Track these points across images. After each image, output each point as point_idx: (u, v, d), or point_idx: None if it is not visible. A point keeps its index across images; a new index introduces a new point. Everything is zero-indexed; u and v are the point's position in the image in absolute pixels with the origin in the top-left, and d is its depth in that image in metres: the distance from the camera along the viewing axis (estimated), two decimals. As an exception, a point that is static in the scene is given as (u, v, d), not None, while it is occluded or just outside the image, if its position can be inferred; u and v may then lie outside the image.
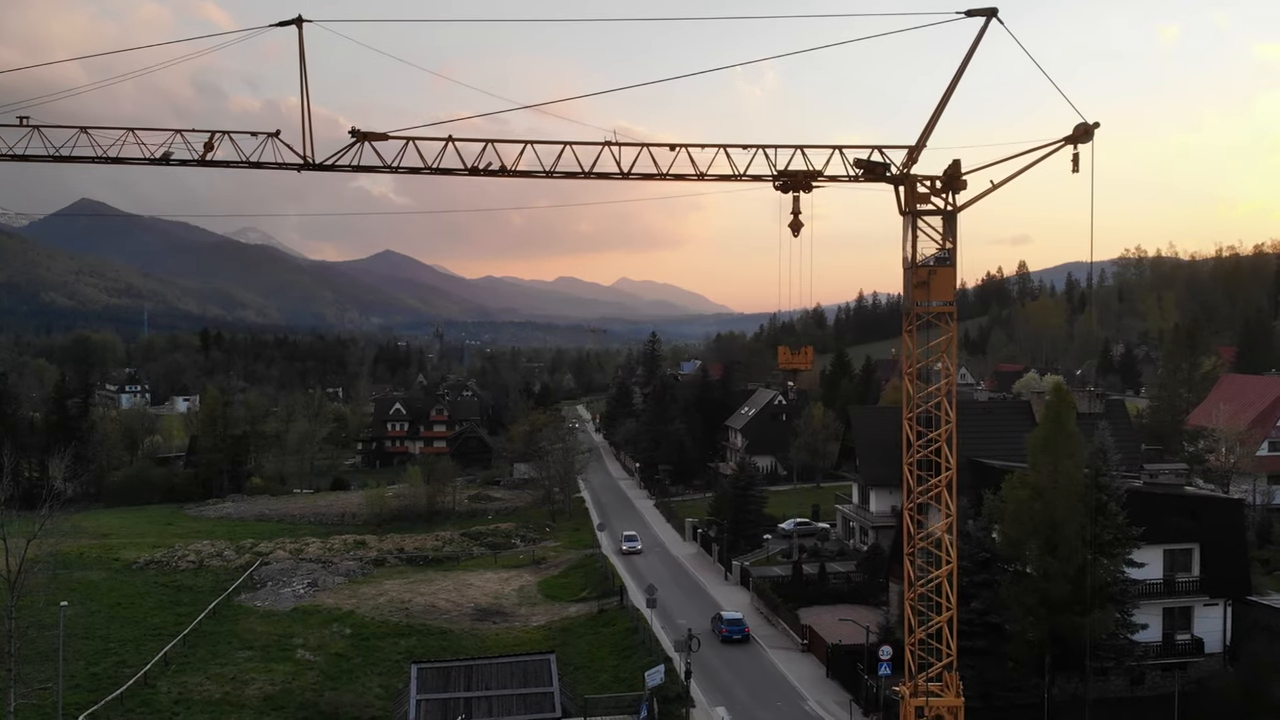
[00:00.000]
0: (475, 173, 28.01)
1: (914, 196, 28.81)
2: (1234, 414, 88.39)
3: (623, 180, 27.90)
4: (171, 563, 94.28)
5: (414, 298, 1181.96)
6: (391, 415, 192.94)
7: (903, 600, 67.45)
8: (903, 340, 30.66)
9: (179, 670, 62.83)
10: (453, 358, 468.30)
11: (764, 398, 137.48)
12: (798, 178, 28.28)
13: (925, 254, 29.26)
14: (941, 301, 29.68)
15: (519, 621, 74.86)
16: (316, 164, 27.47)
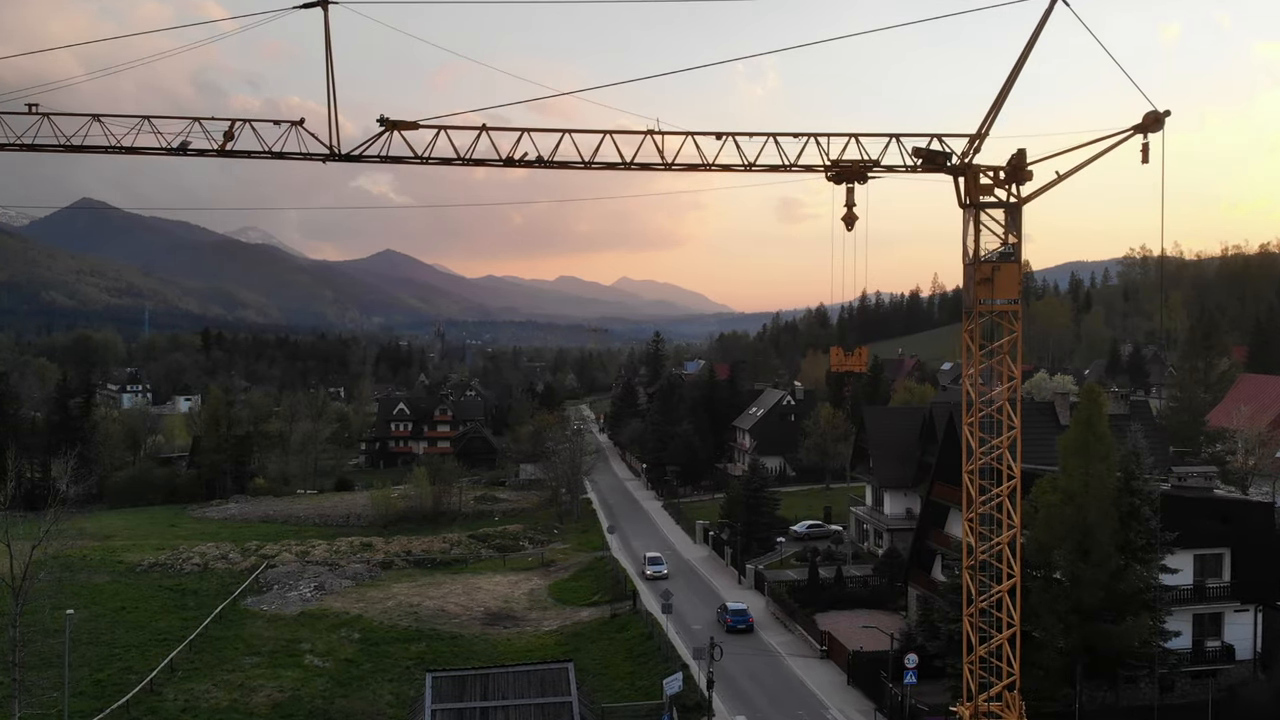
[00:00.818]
0: (510, 163, 26.73)
1: (976, 188, 27.46)
2: (1254, 415, 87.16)
3: (665, 171, 26.61)
4: (176, 565, 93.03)
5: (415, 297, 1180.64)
6: (395, 415, 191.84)
7: (923, 605, 66.67)
8: (963, 340, 29.29)
9: (185, 677, 61.61)
10: (454, 357, 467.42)
11: (772, 398, 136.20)
12: (852, 168, 26.98)
13: (987, 249, 27.90)
14: (1006, 299, 28.29)
15: (530, 626, 73.61)
16: (343, 154, 26.20)
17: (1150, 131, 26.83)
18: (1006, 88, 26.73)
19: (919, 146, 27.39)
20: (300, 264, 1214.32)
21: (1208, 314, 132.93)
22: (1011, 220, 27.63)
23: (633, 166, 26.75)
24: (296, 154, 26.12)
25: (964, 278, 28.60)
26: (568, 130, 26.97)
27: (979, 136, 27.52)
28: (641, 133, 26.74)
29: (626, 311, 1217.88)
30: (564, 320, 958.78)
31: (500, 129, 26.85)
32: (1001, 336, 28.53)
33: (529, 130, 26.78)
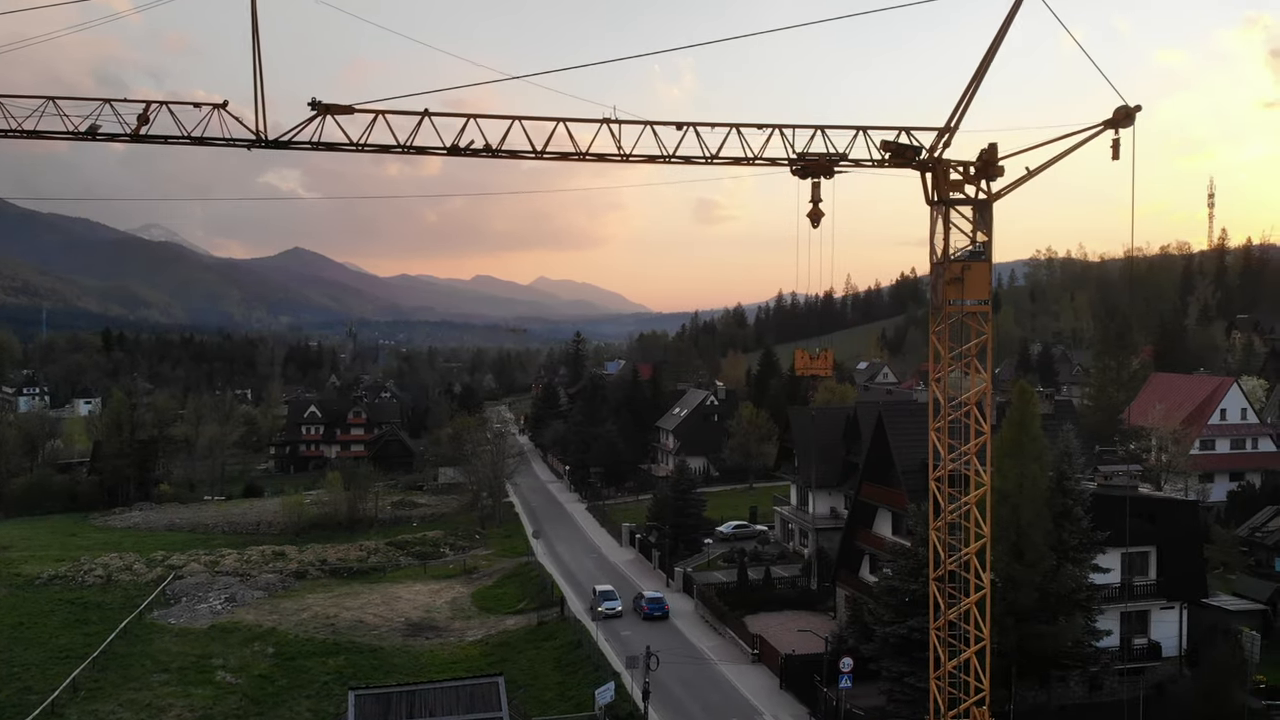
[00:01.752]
0: (456, 151, 24.92)
1: (945, 183, 26.54)
2: (1168, 412, 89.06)
3: (622, 163, 25.17)
4: (77, 577, 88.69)
5: (325, 296, 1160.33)
6: (306, 418, 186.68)
7: (852, 606, 66.36)
8: (930, 343, 28.34)
9: (89, 697, 58.52)
10: (367, 358, 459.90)
11: (695, 398, 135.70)
12: (819, 162, 25.85)
13: (956, 247, 27.00)
14: (976, 300, 27.40)
15: (454, 636, 71.50)
16: (271, 141, 24.11)
17: (1121, 127, 26.28)
18: (976, 79, 25.82)
19: (887, 140, 26.38)
20: (205, 262, 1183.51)
21: (1119, 314, 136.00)
22: (981, 218, 26.79)
23: (588, 157, 25.25)
24: (219, 140, 23.96)
25: (931, 277, 27.70)
26: (518, 117, 25.24)
27: (948, 130, 26.59)
28: (597, 121, 25.25)
29: (545, 311, 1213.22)
30: (481, 320, 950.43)
31: (445, 114, 25.02)
32: (969, 338, 27.66)
33: (475, 116, 25.04)
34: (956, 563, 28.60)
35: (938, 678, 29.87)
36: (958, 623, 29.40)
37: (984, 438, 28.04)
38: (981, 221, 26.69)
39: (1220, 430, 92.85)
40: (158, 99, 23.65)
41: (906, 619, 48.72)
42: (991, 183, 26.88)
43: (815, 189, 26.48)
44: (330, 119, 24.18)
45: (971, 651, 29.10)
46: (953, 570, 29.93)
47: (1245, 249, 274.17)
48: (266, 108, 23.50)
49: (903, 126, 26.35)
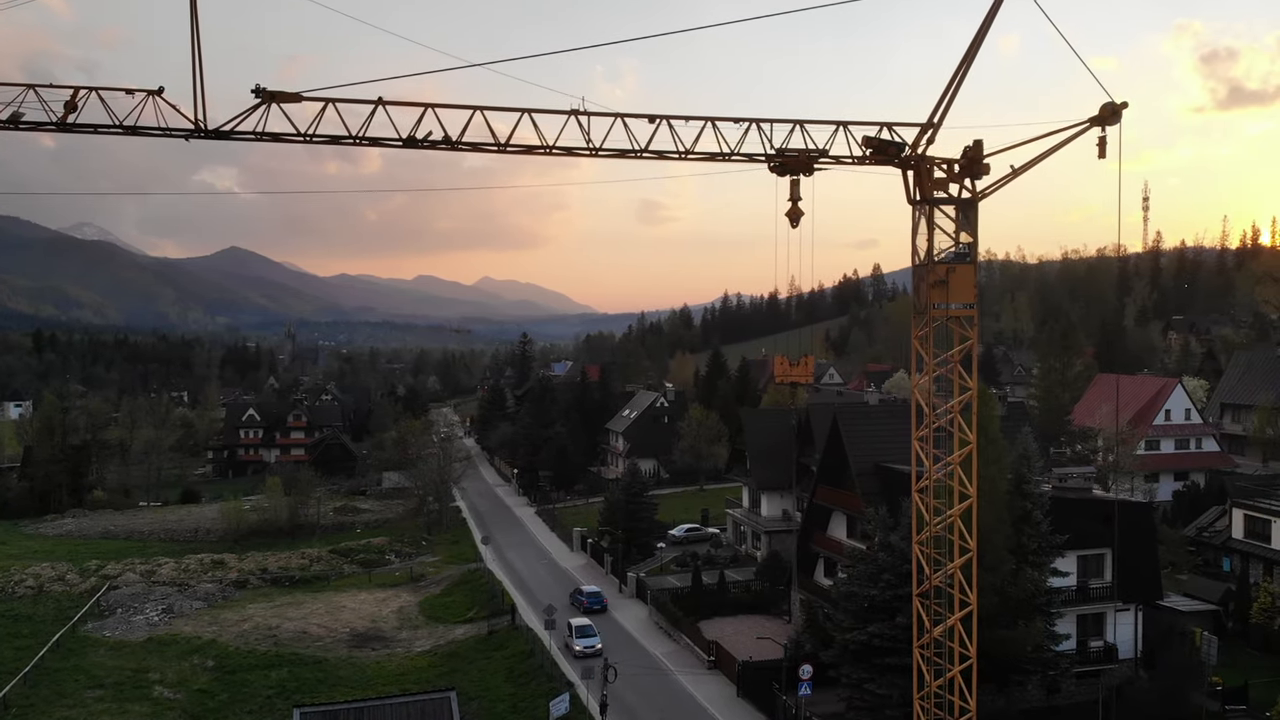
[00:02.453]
0: (413, 143, 23.41)
1: (929, 182, 25.60)
2: (1114, 413, 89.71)
3: (591, 157, 23.82)
4: (7, 589, 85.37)
5: (263, 296, 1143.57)
6: (244, 421, 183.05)
7: (807, 610, 65.70)
8: (912, 347, 27.38)
9: (20, 714, 56.18)
10: (306, 359, 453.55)
11: (645, 400, 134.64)
12: (799, 158, 24.78)
13: (939, 249, 26.06)
14: (961, 303, 26.52)
15: (401, 647, 69.66)
16: (211, 130, 22.39)
17: (1108, 124, 25.57)
18: (961, 74, 24.94)
19: (870, 136, 25.38)
20: (140, 261, 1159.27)
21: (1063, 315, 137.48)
22: (965, 218, 25.87)
23: (555, 150, 23.89)
24: (154, 129, 22.21)
25: (914, 279, 26.74)
26: (480, 107, 23.85)
27: (931, 126, 25.61)
28: (564, 113, 23.91)
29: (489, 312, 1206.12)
30: (423, 321, 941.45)
31: (401, 103, 23.41)
32: (953, 342, 26.73)
33: (434, 105, 23.56)
34: (941, 578, 27.67)
35: (922, 698, 28.92)
36: (942, 640, 28.51)
37: (969, 447, 27.17)
38: (965, 222, 25.85)
39: (1165, 430, 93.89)
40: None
41: (866, 625, 48.09)
42: (976, 181, 26.03)
43: (794, 187, 25.44)
44: (276, 108, 22.60)
45: (957, 670, 28.21)
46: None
47: (1179, 251, 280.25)
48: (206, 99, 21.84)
49: (885, 122, 25.42)
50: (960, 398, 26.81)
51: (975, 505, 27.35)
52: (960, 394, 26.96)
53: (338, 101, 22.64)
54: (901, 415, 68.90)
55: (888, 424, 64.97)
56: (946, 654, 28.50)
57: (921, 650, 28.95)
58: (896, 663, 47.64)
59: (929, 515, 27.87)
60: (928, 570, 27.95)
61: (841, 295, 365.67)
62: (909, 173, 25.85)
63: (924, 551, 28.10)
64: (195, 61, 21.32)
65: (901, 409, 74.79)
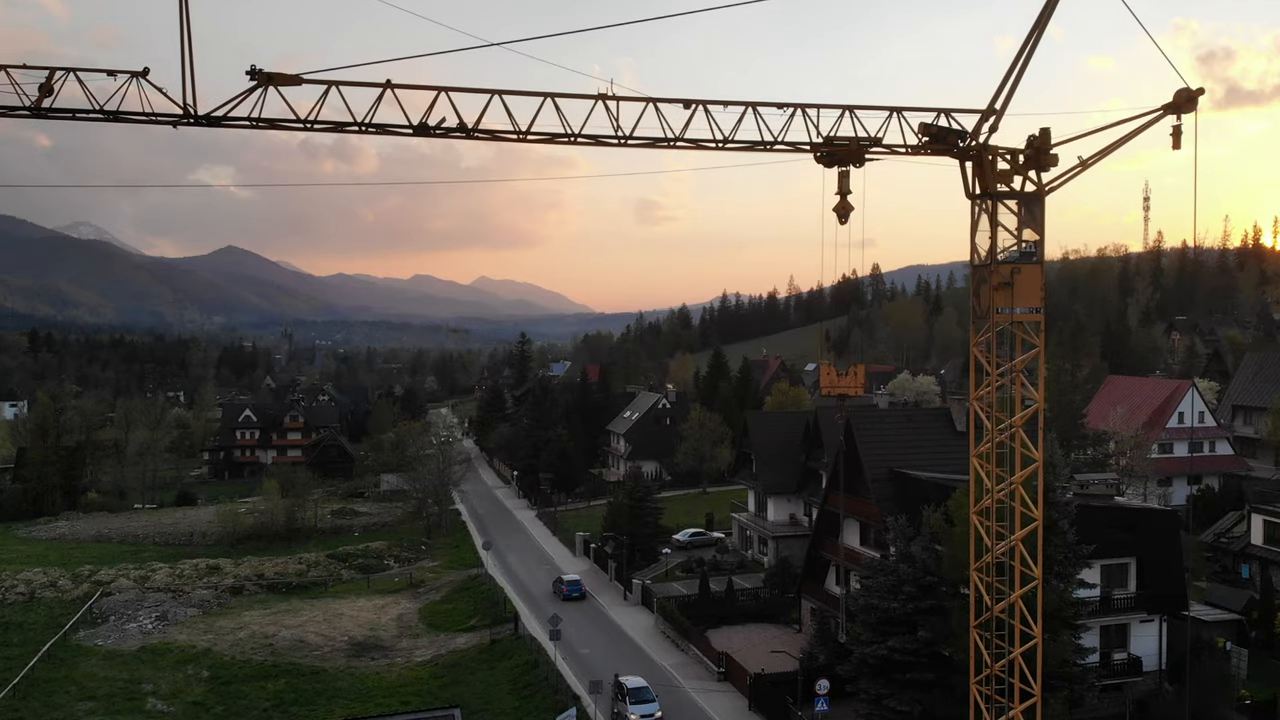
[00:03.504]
0: (425, 131, 21.54)
1: (991, 174, 23.70)
2: (1128, 416, 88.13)
3: (619, 147, 22.04)
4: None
5: (259, 296, 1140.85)
6: (241, 422, 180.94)
7: (818, 619, 64.04)
8: (971, 357, 25.49)
9: (6, 730, 54.06)
10: (303, 359, 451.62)
11: (646, 401, 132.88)
12: (849, 147, 22.92)
13: (1001, 247, 24.06)
14: (1027, 308, 24.55)
15: (401, 656, 67.81)
16: (201, 116, 20.52)
17: (1183, 111, 23.73)
18: (1027, 54, 23.09)
19: (927, 123, 23.47)
20: (136, 261, 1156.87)
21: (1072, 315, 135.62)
22: (1030, 213, 23.91)
23: (580, 139, 22.01)
24: (138, 115, 20.27)
25: (972, 282, 24.72)
26: (498, 91, 22.02)
27: (993, 113, 23.62)
28: (591, 97, 22.06)
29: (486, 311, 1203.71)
30: (420, 320, 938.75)
31: (410, 86, 21.44)
32: (1014, 349, 24.80)
33: (447, 89, 21.72)
34: (1004, 608, 25.82)
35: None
36: (1003, 675, 26.66)
37: (1034, 466, 25.26)
38: (1030, 218, 23.91)
39: (1178, 433, 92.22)
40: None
41: (886, 639, 46.42)
42: (1043, 173, 24.14)
43: (843, 179, 23.50)
44: (273, 92, 20.75)
45: (1019, 710, 26.32)
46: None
47: (1180, 251, 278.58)
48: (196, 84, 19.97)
49: (942, 108, 23.52)
50: (1024, 412, 24.87)
51: (1041, 530, 25.41)
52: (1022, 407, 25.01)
53: (341, 84, 20.81)
54: (918, 420, 67.50)
55: (903, 429, 63.36)
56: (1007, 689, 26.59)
57: (979, 686, 27.08)
58: (918, 678, 46.04)
59: (990, 540, 25.90)
60: (988, 600, 26.07)
61: (840, 295, 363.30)
62: (967, 164, 23.98)
63: (983, 580, 26.17)
64: (184, 41, 19.50)
65: (918, 414, 73.22)
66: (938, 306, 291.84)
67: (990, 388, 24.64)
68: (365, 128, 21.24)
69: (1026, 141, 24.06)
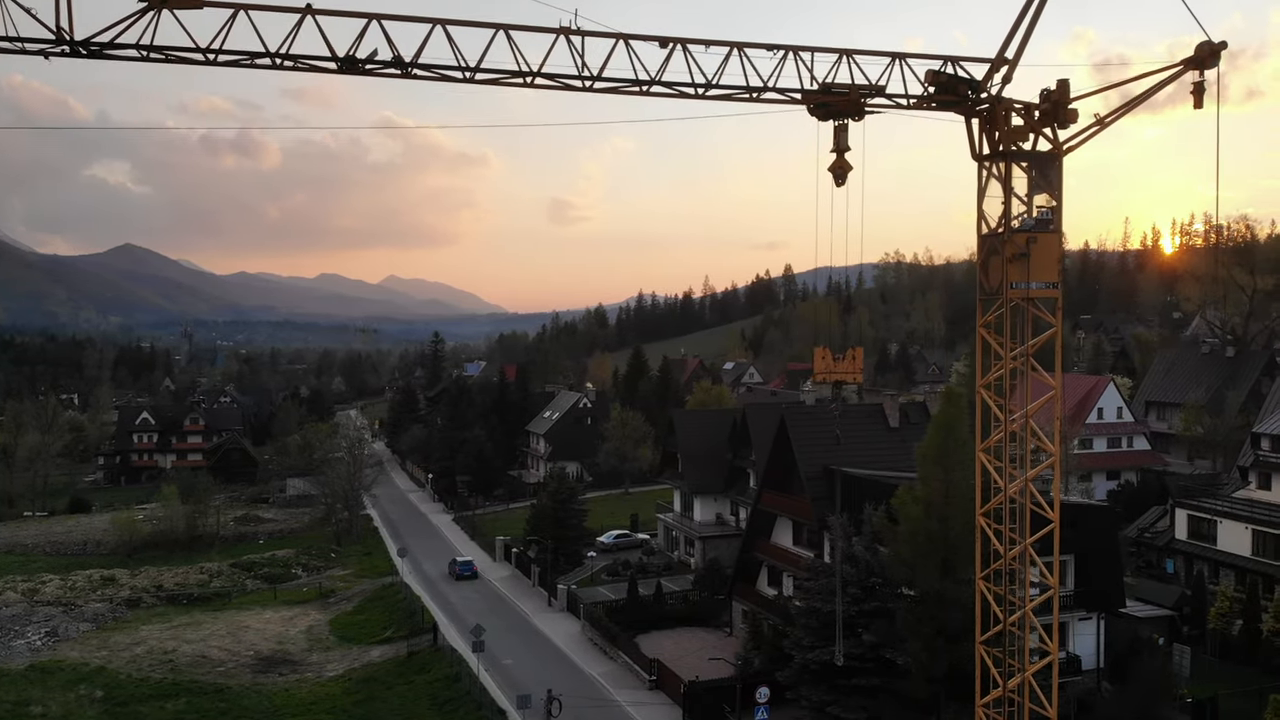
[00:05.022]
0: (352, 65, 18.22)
1: (1006, 131, 21.55)
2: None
3: (585, 92, 19.25)
4: None
5: (158, 295, 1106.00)
6: (138, 425, 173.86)
7: (751, 622, 62.10)
8: (978, 337, 23.37)
9: None
10: (204, 360, 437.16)
11: (567, 400, 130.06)
12: (848, 98, 20.52)
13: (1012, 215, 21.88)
14: (1044, 282, 22.41)
15: (311, 671, 64.10)
16: (79, 43, 17.21)
17: (1205, 67, 21.95)
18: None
19: (936, 70, 21.22)
20: (28, 259, 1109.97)
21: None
22: (1045, 176, 21.88)
23: (538, 80, 19.12)
24: (-3, 39, 16.94)
25: (979, 254, 22.67)
26: (440, 21, 18.90)
27: (1005, 62, 21.51)
28: (552, 31, 19.22)
29: (396, 311, 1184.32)
30: (327, 320, 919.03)
31: (334, 13, 18.30)
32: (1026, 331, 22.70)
33: (380, 16, 18.56)
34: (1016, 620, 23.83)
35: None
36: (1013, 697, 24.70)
37: (1052, 459, 23.33)
38: (1045, 181, 21.92)
39: (1098, 429, 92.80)
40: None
41: (830, 643, 44.57)
42: (1061, 130, 22.13)
43: (840, 134, 21.14)
44: (167, 16, 17.52)
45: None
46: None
47: (1083, 252, 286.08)
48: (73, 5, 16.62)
49: (949, 55, 21.24)
50: (1042, 399, 22.84)
51: (1058, 532, 23.47)
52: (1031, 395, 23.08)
53: (251, 9, 17.82)
54: (852, 417, 66.02)
55: (844, 425, 61.75)
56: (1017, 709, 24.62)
57: (985, 710, 25.07)
58: (864, 684, 44.33)
59: (1001, 545, 23.83)
60: (998, 611, 24.05)
61: (754, 295, 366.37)
62: (973, 120, 21.89)
63: (990, 590, 24.12)
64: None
65: (851, 410, 71.83)
66: (849, 306, 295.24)
67: (1004, 372, 22.46)
68: (279, 59, 18.24)
69: (1041, 95, 22.04)
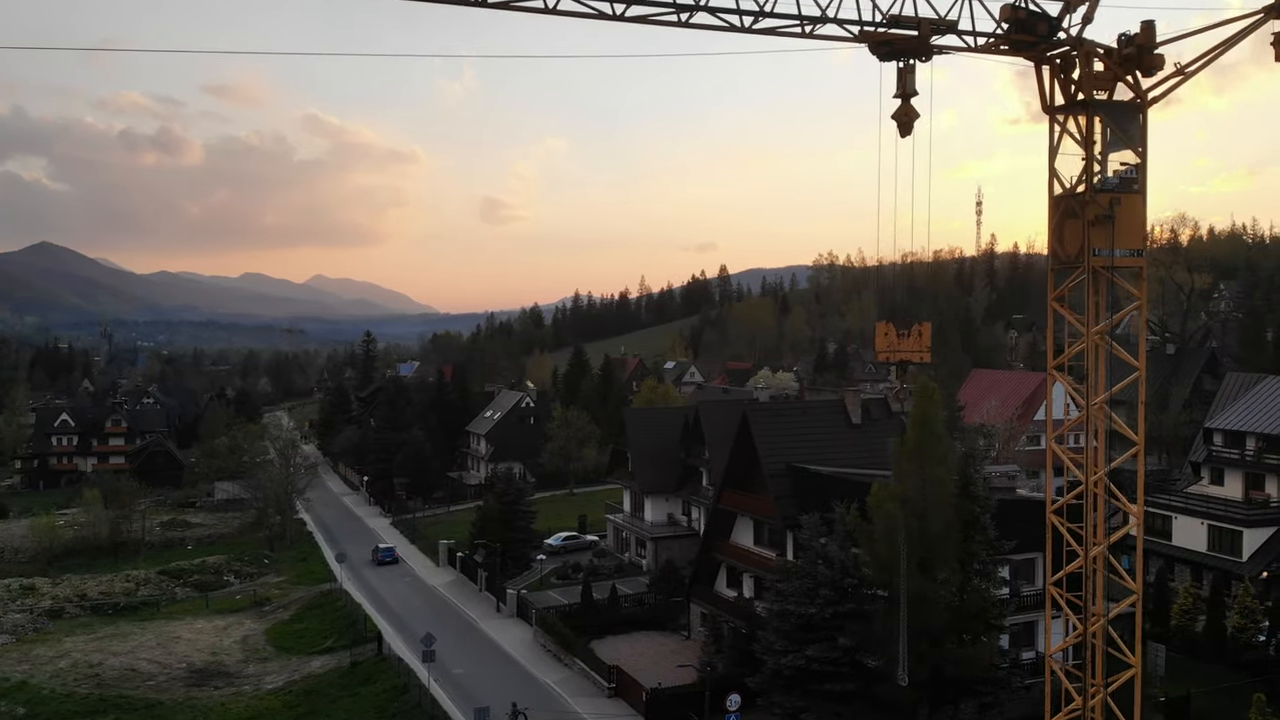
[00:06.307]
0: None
1: (1086, 77, 19.44)
2: (1000, 408, 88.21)
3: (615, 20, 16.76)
4: None
5: (76, 294, 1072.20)
6: (57, 427, 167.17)
7: (710, 623, 60.23)
8: (1049, 312, 21.27)
9: None
10: (124, 361, 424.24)
11: (509, 400, 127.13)
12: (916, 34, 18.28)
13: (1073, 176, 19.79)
14: (1128, 250, 20.27)
15: (249, 684, 60.72)
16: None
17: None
18: None
19: (1012, 3, 19.01)
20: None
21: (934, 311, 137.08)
22: (1124, 130, 19.77)
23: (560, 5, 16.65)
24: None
25: (1054, 219, 20.37)
26: None
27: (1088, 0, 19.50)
28: None
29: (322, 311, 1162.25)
30: (251, 320, 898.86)
31: None
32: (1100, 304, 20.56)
33: None
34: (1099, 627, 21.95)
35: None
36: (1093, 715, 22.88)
37: (1135, 449, 21.41)
38: (1125, 136, 19.93)
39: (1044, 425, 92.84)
40: None
41: (804, 647, 42.88)
42: (1146, 78, 20.19)
43: (905, 77, 19.04)
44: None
45: None
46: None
47: (1012, 254, 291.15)
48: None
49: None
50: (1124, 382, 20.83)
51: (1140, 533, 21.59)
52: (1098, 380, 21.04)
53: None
54: (814, 413, 64.66)
55: (799, 422, 60.33)
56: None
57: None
58: (839, 689, 42.68)
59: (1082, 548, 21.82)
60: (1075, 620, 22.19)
61: (690, 296, 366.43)
62: (1045, 68, 19.90)
63: (1060, 594, 22.25)
64: None
65: (813, 406, 70.53)
66: (785, 307, 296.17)
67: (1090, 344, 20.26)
68: None
69: (1119, 40, 20.10)
